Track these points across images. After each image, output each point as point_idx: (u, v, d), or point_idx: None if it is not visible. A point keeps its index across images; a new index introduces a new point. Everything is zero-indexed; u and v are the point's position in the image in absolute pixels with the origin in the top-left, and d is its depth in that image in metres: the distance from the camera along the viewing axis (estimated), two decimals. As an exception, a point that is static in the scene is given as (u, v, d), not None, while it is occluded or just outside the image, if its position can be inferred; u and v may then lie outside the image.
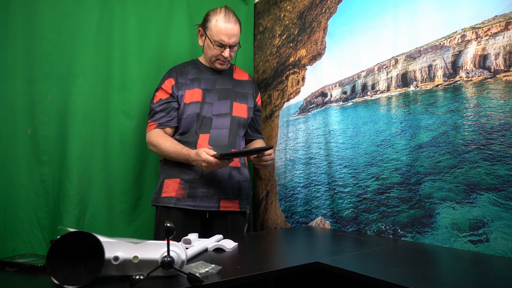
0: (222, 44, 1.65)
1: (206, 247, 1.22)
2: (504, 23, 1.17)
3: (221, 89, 1.75)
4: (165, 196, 1.63)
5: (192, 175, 1.63)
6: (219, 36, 1.63)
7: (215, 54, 1.69)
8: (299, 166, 1.90)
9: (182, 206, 1.61)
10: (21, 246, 1.52)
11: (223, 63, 1.72)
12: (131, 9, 1.82)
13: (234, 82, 1.80)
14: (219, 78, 1.77)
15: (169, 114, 1.68)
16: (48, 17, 1.60)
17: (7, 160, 1.51)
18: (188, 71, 1.75)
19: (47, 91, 1.59)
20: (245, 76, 1.87)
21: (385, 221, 1.47)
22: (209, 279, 0.88)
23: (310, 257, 1.14)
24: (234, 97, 1.76)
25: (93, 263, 0.84)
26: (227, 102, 1.74)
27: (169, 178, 1.65)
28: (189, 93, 1.70)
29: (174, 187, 1.63)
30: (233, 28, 1.65)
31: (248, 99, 1.81)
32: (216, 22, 1.64)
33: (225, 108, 1.72)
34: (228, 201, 1.67)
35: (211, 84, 1.75)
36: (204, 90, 1.72)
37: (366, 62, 1.61)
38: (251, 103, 1.81)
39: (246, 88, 1.83)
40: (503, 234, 1.13)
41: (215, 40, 1.65)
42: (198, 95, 1.70)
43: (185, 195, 1.62)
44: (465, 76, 1.27)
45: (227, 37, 1.64)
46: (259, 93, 1.90)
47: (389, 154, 1.48)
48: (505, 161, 1.14)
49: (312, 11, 1.87)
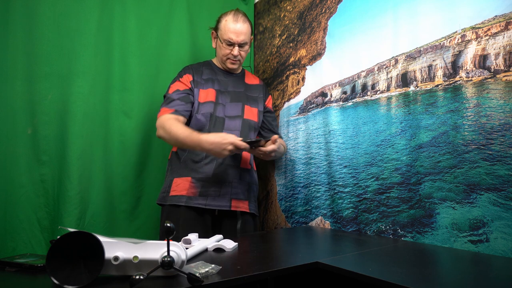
0: (231, 42, 1.70)
1: (206, 247, 1.22)
2: (504, 23, 1.17)
3: (233, 92, 1.79)
4: (174, 194, 1.64)
5: (204, 174, 1.64)
6: (227, 34, 1.69)
7: (225, 53, 1.73)
8: (299, 166, 1.90)
9: (194, 205, 1.62)
10: (21, 246, 1.52)
11: (234, 62, 1.76)
12: (131, 9, 1.82)
13: (246, 86, 1.85)
14: (231, 81, 1.81)
15: (187, 104, 1.67)
16: (48, 17, 1.60)
17: (7, 160, 1.51)
18: (203, 71, 1.78)
19: (47, 91, 1.59)
20: (256, 81, 1.92)
21: (385, 221, 1.47)
22: (209, 279, 0.88)
23: (310, 257, 1.14)
24: (245, 100, 1.80)
25: (93, 263, 0.84)
26: (239, 105, 1.78)
27: (179, 177, 1.66)
28: (203, 93, 1.72)
29: (185, 185, 1.64)
30: (241, 26, 1.70)
31: (258, 103, 1.85)
32: (226, 22, 1.71)
33: (237, 110, 1.76)
34: (239, 201, 1.70)
35: (224, 86, 1.78)
36: (218, 91, 1.75)
37: (366, 62, 1.61)
38: (261, 107, 1.86)
39: (257, 92, 1.87)
40: (503, 234, 1.13)
41: (224, 39, 1.71)
42: (212, 95, 1.73)
43: (197, 194, 1.63)
44: (465, 76, 1.27)
45: (235, 35, 1.69)
46: (269, 96, 1.95)
47: (389, 154, 1.48)
48: (505, 161, 1.14)
49: (312, 11, 1.87)
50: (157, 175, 1.87)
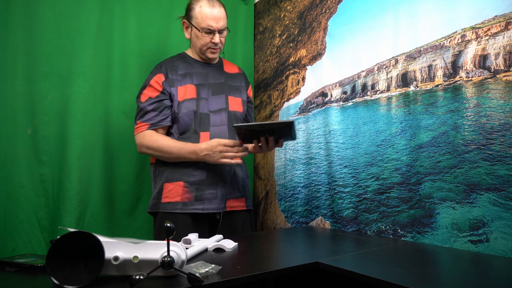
0: (211, 30, 1.57)
1: (206, 247, 1.22)
2: (504, 23, 1.17)
3: (214, 84, 1.66)
4: (167, 201, 1.54)
5: (198, 177, 1.55)
6: (206, 22, 1.55)
7: (205, 42, 1.60)
8: (299, 166, 1.90)
9: (191, 211, 1.53)
10: (21, 246, 1.52)
11: (214, 51, 1.62)
12: (131, 9, 1.82)
13: (226, 75, 1.72)
14: (210, 72, 1.68)
15: (162, 112, 1.56)
16: (48, 17, 1.60)
17: (7, 160, 1.51)
18: (178, 66, 1.64)
19: (47, 91, 1.59)
20: (235, 69, 1.80)
21: (385, 221, 1.47)
22: (209, 279, 0.88)
23: (310, 257, 1.14)
24: (228, 91, 1.68)
25: (93, 263, 0.84)
26: (222, 97, 1.66)
27: (169, 182, 1.56)
28: (181, 90, 1.59)
29: (177, 191, 1.54)
30: (219, 11, 1.57)
31: (241, 92, 1.74)
32: (200, 8, 1.57)
33: (221, 103, 1.65)
34: (234, 200, 1.62)
35: (203, 78, 1.65)
36: (198, 85, 1.62)
37: (366, 62, 1.61)
38: (245, 96, 1.75)
39: (238, 81, 1.75)
40: (503, 234, 1.13)
41: (203, 27, 1.56)
42: (191, 91, 1.61)
43: (192, 199, 1.53)
44: (465, 76, 1.27)
45: (215, 21, 1.56)
46: (249, 85, 1.84)
47: (389, 154, 1.48)
48: (505, 161, 1.14)
49: (312, 11, 1.87)
50: (157, 175, 1.87)
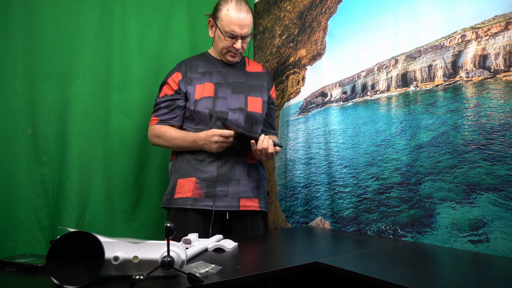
0: (234, 35, 1.56)
1: (206, 247, 1.22)
2: (504, 23, 1.17)
3: (234, 83, 1.65)
4: (179, 197, 1.55)
5: (210, 174, 1.55)
6: (230, 26, 1.54)
7: (226, 46, 1.60)
8: (299, 166, 1.90)
9: (201, 207, 1.52)
10: (21, 246, 1.51)
11: (234, 55, 1.63)
12: (131, 9, 1.82)
13: (247, 75, 1.71)
14: (231, 71, 1.68)
15: (172, 111, 1.61)
16: (48, 17, 1.59)
17: (7, 160, 1.51)
18: (198, 64, 1.66)
19: (47, 91, 1.59)
20: (259, 68, 1.77)
21: (385, 221, 1.47)
22: (209, 279, 0.88)
23: (310, 257, 1.14)
24: (248, 91, 1.66)
25: (93, 263, 0.84)
26: (241, 96, 1.64)
27: (183, 178, 1.57)
28: (199, 88, 1.60)
29: (189, 187, 1.54)
30: (245, 17, 1.55)
31: (262, 92, 1.70)
32: (227, 11, 1.55)
33: (240, 102, 1.63)
34: (248, 200, 1.58)
35: (223, 77, 1.65)
36: (216, 84, 1.62)
37: (366, 62, 1.61)
38: (266, 96, 1.71)
39: (260, 80, 1.72)
40: (503, 234, 1.13)
41: (226, 31, 1.56)
42: (209, 90, 1.61)
43: (203, 195, 1.53)
44: (465, 76, 1.27)
45: (239, 28, 1.55)
46: (273, 85, 1.81)
47: (389, 154, 1.48)
48: (505, 161, 1.14)
49: (312, 11, 1.87)
50: (157, 175, 1.87)
